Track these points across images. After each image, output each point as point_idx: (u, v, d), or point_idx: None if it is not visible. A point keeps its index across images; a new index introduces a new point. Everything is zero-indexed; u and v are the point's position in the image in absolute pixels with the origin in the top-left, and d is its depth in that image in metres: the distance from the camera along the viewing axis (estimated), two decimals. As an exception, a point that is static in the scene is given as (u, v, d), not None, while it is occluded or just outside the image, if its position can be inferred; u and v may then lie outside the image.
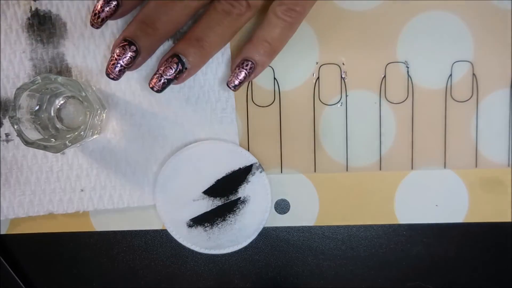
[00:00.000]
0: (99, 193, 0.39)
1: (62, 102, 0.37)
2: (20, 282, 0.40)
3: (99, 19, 0.33)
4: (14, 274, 0.40)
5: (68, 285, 0.41)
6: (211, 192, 0.39)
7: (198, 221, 0.39)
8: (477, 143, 0.38)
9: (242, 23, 0.34)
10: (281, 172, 0.39)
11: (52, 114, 0.37)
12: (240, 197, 0.39)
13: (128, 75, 0.37)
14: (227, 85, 0.35)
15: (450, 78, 0.38)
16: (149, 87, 0.34)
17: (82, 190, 0.39)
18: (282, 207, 0.39)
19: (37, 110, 0.36)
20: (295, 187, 0.39)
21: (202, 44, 0.34)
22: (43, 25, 0.37)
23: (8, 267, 0.40)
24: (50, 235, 0.40)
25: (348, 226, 0.40)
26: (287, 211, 0.39)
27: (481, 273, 0.40)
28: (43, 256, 0.40)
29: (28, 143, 0.33)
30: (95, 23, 0.33)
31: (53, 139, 0.35)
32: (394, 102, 0.38)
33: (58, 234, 0.40)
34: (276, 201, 0.39)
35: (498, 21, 0.37)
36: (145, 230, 0.40)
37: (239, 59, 0.35)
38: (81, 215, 0.39)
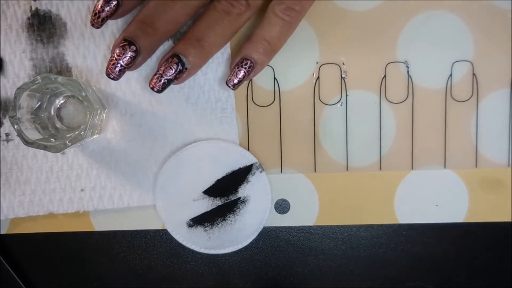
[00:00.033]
0: (99, 193, 0.39)
1: (62, 101, 0.37)
2: (20, 282, 0.40)
3: (99, 19, 0.33)
4: (14, 274, 0.40)
5: (68, 285, 0.41)
6: (211, 192, 0.39)
7: (198, 221, 0.39)
8: (477, 143, 0.38)
9: (242, 22, 0.34)
10: (281, 172, 0.39)
11: (52, 113, 0.37)
12: (240, 197, 0.38)
13: (128, 75, 0.37)
14: (226, 84, 0.35)
15: (450, 78, 0.38)
16: (149, 87, 0.34)
17: (82, 190, 0.39)
18: (282, 207, 0.39)
19: (37, 110, 0.36)
20: (295, 187, 0.39)
21: (202, 44, 0.34)
22: (43, 25, 0.37)
23: (8, 267, 0.40)
24: (50, 235, 0.40)
25: (348, 226, 0.40)
26: (287, 211, 0.39)
27: (481, 273, 0.40)
28: (43, 256, 0.40)
29: (28, 143, 0.33)
30: (95, 23, 0.33)
31: (53, 139, 0.35)
32: (394, 102, 0.38)
33: (58, 234, 0.40)
34: (276, 201, 0.39)
35: (498, 21, 0.37)
36: (145, 230, 0.40)
37: (238, 58, 0.35)
38: (81, 215, 0.39)
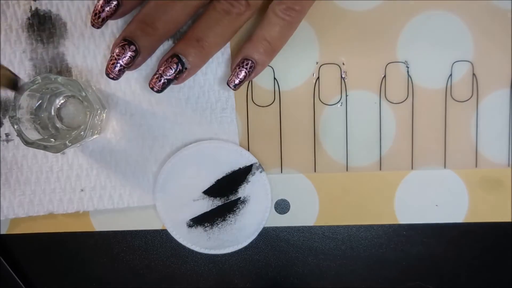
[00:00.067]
0: (99, 193, 0.39)
1: (62, 102, 0.37)
2: (20, 282, 0.40)
3: (99, 19, 0.33)
4: (14, 274, 0.40)
5: (68, 285, 0.41)
6: (211, 192, 0.39)
7: (198, 221, 0.39)
8: (477, 143, 0.38)
9: (242, 22, 0.34)
10: (281, 172, 0.39)
11: (52, 113, 0.37)
12: (240, 197, 0.38)
13: (128, 75, 0.37)
14: (227, 84, 0.35)
15: (450, 78, 0.38)
16: (149, 87, 0.34)
17: (82, 190, 0.39)
18: (282, 207, 0.39)
19: (37, 110, 0.36)
20: (295, 187, 0.39)
21: (202, 44, 0.34)
22: (43, 25, 0.37)
23: (8, 267, 0.40)
24: (50, 235, 0.40)
25: (348, 226, 0.40)
26: (287, 211, 0.39)
27: (481, 273, 0.40)
28: (43, 256, 0.40)
29: (28, 143, 0.33)
30: (95, 23, 0.33)
31: (53, 139, 0.35)
32: (394, 102, 0.38)
33: (58, 234, 0.40)
34: (276, 201, 0.39)
35: (498, 21, 0.37)
36: (145, 230, 0.40)
37: (239, 58, 0.35)
38: (81, 215, 0.39)
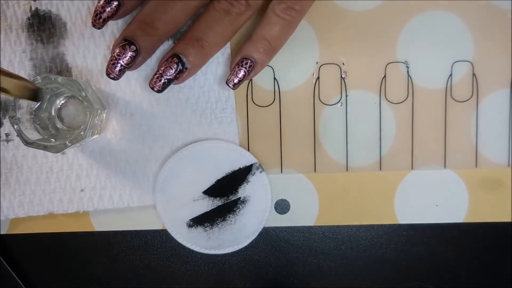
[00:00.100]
0: (99, 193, 0.39)
1: (62, 102, 0.37)
2: (20, 282, 0.40)
3: (100, 19, 0.33)
4: (14, 274, 0.40)
5: (68, 285, 0.41)
6: (211, 192, 0.39)
7: (198, 221, 0.39)
8: (477, 143, 0.38)
9: (242, 22, 0.34)
10: (281, 172, 0.39)
11: (53, 114, 0.37)
12: (240, 197, 0.38)
13: (128, 75, 0.37)
14: (226, 83, 0.35)
15: (450, 78, 0.38)
16: (150, 87, 0.34)
17: (82, 190, 0.39)
18: (282, 207, 0.39)
19: (37, 110, 0.36)
20: (295, 187, 0.39)
21: (202, 44, 0.34)
22: (43, 25, 0.37)
23: (8, 267, 0.40)
24: (50, 235, 0.40)
25: (348, 226, 0.40)
26: (287, 211, 0.39)
27: (481, 273, 0.40)
28: (43, 256, 0.40)
29: (28, 143, 0.33)
30: (96, 23, 0.33)
31: (53, 139, 0.35)
32: (394, 102, 0.38)
33: (58, 234, 0.40)
34: (276, 201, 0.39)
35: (498, 21, 0.37)
36: (145, 230, 0.40)
37: (238, 57, 0.35)
38: (81, 215, 0.39)
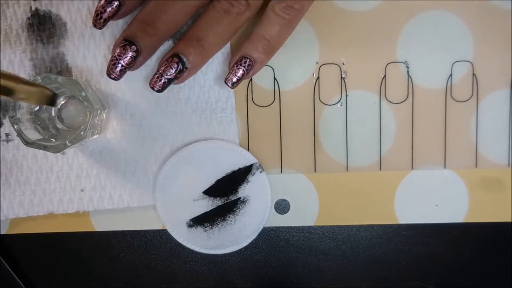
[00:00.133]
0: (99, 193, 0.39)
1: (62, 102, 0.37)
2: (20, 282, 0.40)
3: (101, 19, 0.33)
4: (14, 274, 0.40)
5: (68, 285, 0.41)
6: (211, 192, 0.39)
7: (198, 221, 0.39)
8: (477, 143, 0.38)
9: (242, 22, 0.34)
10: (281, 172, 0.39)
11: (53, 114, 0.37)
12: (240, 197, 0.38)
13: (128, 75, 0.37)
14: (225, 82, 0.35)
15: (450, 78, 0.38)
16: (150, 87, 0.34)
17: (82, 190, 0.39)
18: (282, 207, 0.39)
19: (37, 110, 0.36)
20: (295, 187, 0.39)
21: (202, 44, 0.34)
22: (43, 25, 0.37)
23: (8, 267, 0.40)
24: (50, 235, 0.40)
25: (348, 226, 0.40)
26: (287, 211, 0.39)
27: (481, 273, 0.40)
28: (43, 256, 0.40)
29: (28, 143, 0.33)
30: (97, 23, 0.33)
31: (53, 139, 0.35)
32: (394, 102, 0.38)
33: (58, 234, 0.40)
34: (276, 201, 0.39)
35: (498, 21, 0.37)
36: (145, 230, 0.40)
37: (237, 56, 0.35)
38: (81, 215, 0.39)
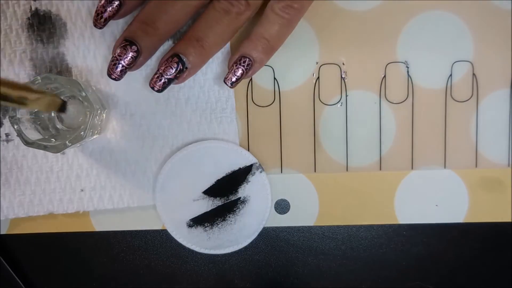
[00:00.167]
0: (99, 193, 0.39)
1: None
2: (20, 282, 0.40)
3: (101, 19, 0.33)
4: (14, 274, 0.40)
5: (68, 285, 0.41)
6: (211, 192, 0.39)
7: (198, 221, 0.39)
8: (477, 143, 0.38)
9: (242, 22, 0.34)
10: (281, 172, 0.39)
11: (53, 114, 0.37)
12: (240, 197, 0.38)
13: (128, 75, 0.37)
14: (224, 81, 0.35)
15: (450, 78, 0.38)
16: (150, 87, 0.34)
17: (82, 190, 0.39)
18: (282, 207, 0.39)
19: (37, 111, 0.36)
20: (295, 187, 0.39)
21: (202, 44, 0.34)
22: (43, 25, 0.37)
23: (8, 267, 0.40)
24: (50, 235, 0.40)
25: (348, 226, 0.40)
26: (287, 211, 0.39)
27: (481, 273, 0.40)
28: (43, 256, 0.40)
29: (28, 143, 0.33)
30: (98, 23, 0.33)
31: (53, 139, 0.35)
32: (394, 102, 0.38)
33: (58, 234, 0.40)
34: (276, 201, 0.39)
35: (498, 21, 0.37)
36: (145, 230, 0.40)
37: (236, 55, 0.35)
38: (81, 215, 0.39)
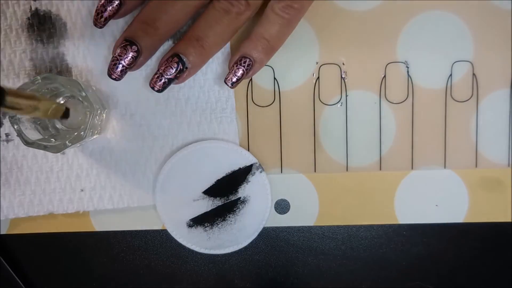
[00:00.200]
0: (99, 193, 0.39)
1: (62, 102, 0.37)
2: (20, 282, 0.40)
3: (102, 18, 0.33)
4: (14, 274, 0.40)
5: (68, 285, 0.41)
6: (211, 192, 0.39)
7: (198, 221, 0.39)
8: (477, 143, 0.38)
9: (242, 22, 0.34)
10: (281, 172, 0.39)
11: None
12: (240, 197, 0.38)
13: (129, 75, 0.37)
14: (224, 82, 0.35)
15: (450, 78, 0.38)
16: (150, 87, 0.34)
17: (82, 190, 0.39)
18: (282, 207, 0.39)
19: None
20: (295, 187, 0.39)
21: (202, 43, 0.34)
22: (43, 25, 0.37)
23: (8, 267, 0.40)
24: (50, 235, 0.40)
25: (348, 226, 0.40)
26: (287, 211, 0.39)
27: (481, 273, 0.40)
28: (43, 256, 0.40)
29: (28, 143, 0.33)
30: (98, 22, 0.33)
31: (53, 139, 0.35)
32: (394, 102, 0.38)
33: (58, 234, 0.40)
34: (276, 201, 0.39)
35: (498, 21, 0.37)
36: (145, 230, 0.40)
37: (237, 56, 0.35)
38: (81, 215, 0.39)
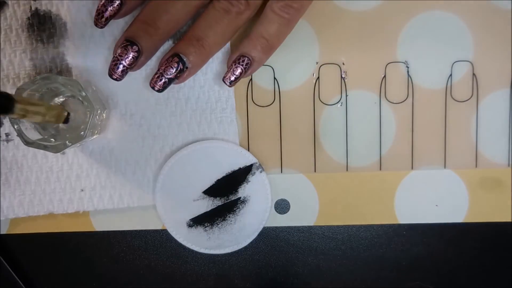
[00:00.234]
0: (99, 193, 0.39)
1: (62, 101, 0.37)
2: (20, 282, 0.40)
3: (102, 18, 0.33)
4: (14, 274, 0.40)
5: (68, 285, 0.41)
6: (211, 192, 0.39)
7: (198, 221, 0.39)
8: (477, 143, 0.38)
9: (242, 22, 0.34)
10: (281, 172, 0.39)
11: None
12: (240, 197, 0.38)
13: (129, 75, 0.37)
14: (223, 80, 0.35)
15: (450, 78, 0.38)
16: (150, 87, 0.34)
17: (82, 190, 0.39)
18: (282, 207, 0.39)
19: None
20: (295, 187, 0.39)
21: (202, 43, 0.34)
22: (43, 25, 0.37)
23: (8, 267, 0.40)
24: (50, 235, 0.40)
25: (348, 226, 0.40)
26: (287, 211, 0.39)
27: (481, 273, 0.40)
28: (43, 256, 0.40)
29: (28, 143, 0.33)
30: (98, 22, 0.33)
31: (53, 139, 0.35)
32: (394, 102, 0.38)
33: (58, 234, 0.40)
34: (276, 201, 0.39)
35: (498, 21, 0.37)
36: (145, 230, 0.40)
37: (235, 54, 0.35)
38: (81, 215, 0.39)
